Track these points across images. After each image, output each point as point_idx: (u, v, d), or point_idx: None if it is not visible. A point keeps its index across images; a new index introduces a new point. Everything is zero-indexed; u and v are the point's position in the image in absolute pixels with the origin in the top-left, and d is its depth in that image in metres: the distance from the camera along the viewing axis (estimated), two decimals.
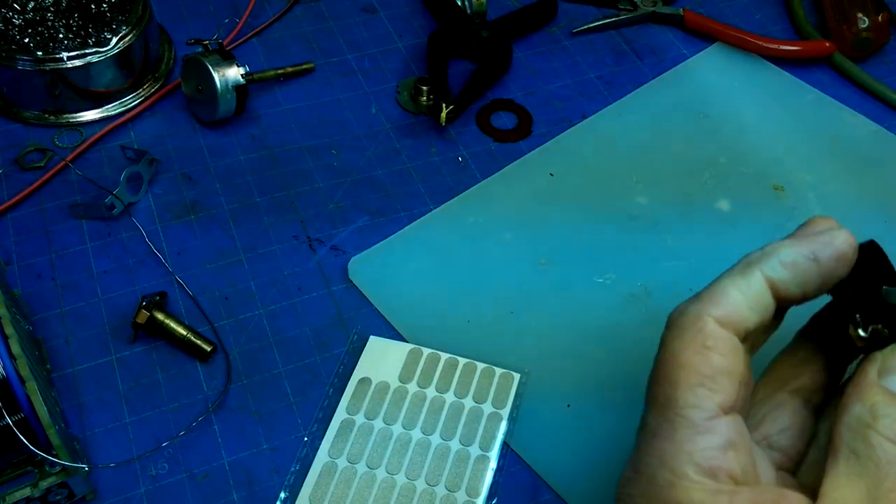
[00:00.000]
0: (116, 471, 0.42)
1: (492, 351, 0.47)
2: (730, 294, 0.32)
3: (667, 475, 0.30)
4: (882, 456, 0.30)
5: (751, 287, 0.32)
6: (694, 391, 0.31)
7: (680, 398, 0.31)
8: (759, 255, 0.33)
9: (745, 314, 0.32)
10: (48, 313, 0.48)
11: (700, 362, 0.31)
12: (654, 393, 0.32)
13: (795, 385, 0.36)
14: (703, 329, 0.31)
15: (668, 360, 0.32)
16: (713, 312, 0.32)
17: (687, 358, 0.31)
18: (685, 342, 0.31)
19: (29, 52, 0.54)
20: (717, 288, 0.32)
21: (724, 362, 0.31)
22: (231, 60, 0.56)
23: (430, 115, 0.59)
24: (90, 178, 0.54)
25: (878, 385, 0.31)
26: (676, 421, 0.31)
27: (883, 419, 0.30)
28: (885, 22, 0.66)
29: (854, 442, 0.30)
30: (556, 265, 0.51)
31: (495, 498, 0.42)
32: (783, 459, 0.35)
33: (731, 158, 0.58)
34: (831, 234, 0.33)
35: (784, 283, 0.32)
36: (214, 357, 0.47)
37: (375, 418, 0.44)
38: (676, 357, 0.31)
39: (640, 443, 0.32)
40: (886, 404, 0.31)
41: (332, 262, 0.51)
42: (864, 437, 0.30)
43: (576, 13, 0.69)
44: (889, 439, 0.30)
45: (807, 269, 0.32)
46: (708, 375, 0.31)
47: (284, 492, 0.42)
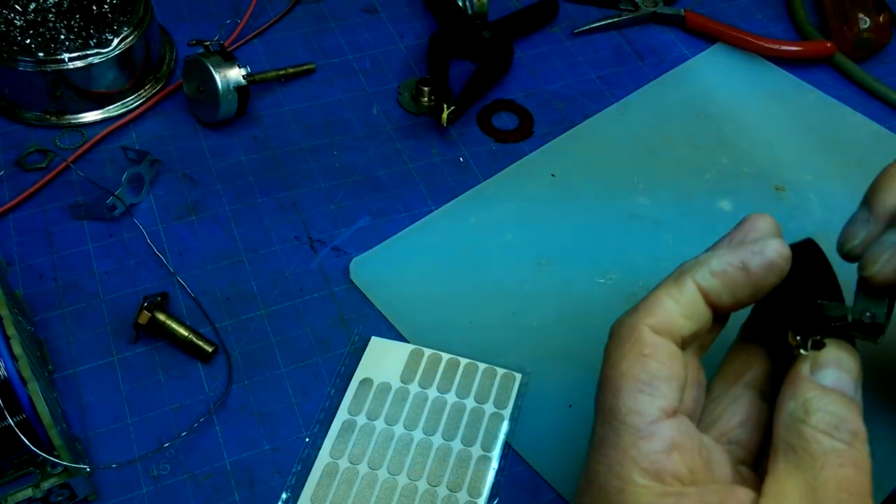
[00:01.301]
0: (118, 471, 0.42)
1: (493, 351, 0.47)
2: (664, 303, 0.33)
3: (615, 482, 0.31)
4: (817, 448, 0.31)
5: (683, 296, 0.33)
6: (635, 397, 0.32)
7: (622, 405, 0.32)
8: (691, 263, 0.34)
9: (680, 322, 0.33)
10: (50, 314, 0.48)
11: (638, 369, 0.32)
12: (600, 402, 0.33)
13: (748, 378, 0.37)
14: (639, 338, 0.33)
15: (609, 369, 0.33)
16: (648, 321, 0.33)
17: (626, 366, 0.32)
18: (624, 351, 0.33)
19: (30, 54, 0.54)
20: (652, 298, 0.34)
21: (661, 368, 0.32)
22: (232, 61, 0.56)
23: (432, 116, 0.59)
24: (92, 178, 0.54)
25: (811, 381, 0.32)
26: (620, 428, 0.32)
27: (815, 413, 0.31)
28: (886, 22, 0.66)
29: (790, 437, 0.31)
30: (558, 265, 0.51)
31: (497, 498, 0.42)
32: (743, 454, 0.35)
33: (733, 158, 0.58)
34: (763, 243, 0.34)
35: (715, 292, 0.33)
36: (216, 358, 0.47)
37: (377, 419, 0.44)
38: (616, 366, 0.33)
39: (591, 451, 0.33)
40: (819, 398, 0.32)
41: (333, 262, 0.51)
42: (798, 431, 0.31)
43: (577, 13, 0.69)
44: (822, 432, 0.31)
45: (736, 278, 0.33)
46: (646, 381, 0.32)
47: (286, 492, 0.42)
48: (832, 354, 0.33)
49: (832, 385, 0.32)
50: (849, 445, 0.31)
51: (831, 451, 0.30)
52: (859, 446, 0.31)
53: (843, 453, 0.31)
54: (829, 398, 0.32)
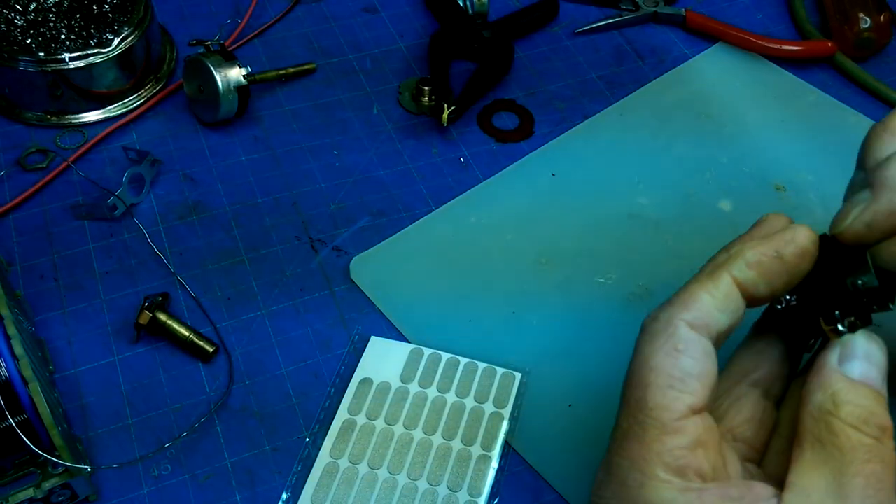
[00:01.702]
0: (119, 472, 0.42)
1: (493, 351, 0.47)
2: (700, 298, 0.33)
3: (637, 476, 0.31)
4: (845, 442, 0.30)
5: (720, 290, 0.33)
6: (664, 393, 0.31)
7: (650, 400, 0.31)
8: (724, 257, 0.34)
9: (716, 316, 0.32)
10: (51, 314, 0.48)
11: (670, 365, 0.32)
12: (627, 396, 0.33)
13: (755, 377, 0.37)
14: (674, 333, 0.32)
15: (640, 363, 0.32)
16: (684, 317, 0.32)
17: (658, 361, 0.32)
18: (656, 346, 0.32)
19: (31, 53, 0.54)
20: (688, 292, 0.33)
21: (693, 365, 0.32)
22: (233, 61, 0.56)
23: (432, 116, 0.59)
24: (92, 178, 0.54)
25: (839, 372, 0.32)
26: (647, 422, 0.31)
27: (844, 406, 0.31)
28: (886, 22, 0.66)
29: (818, 430, 0.31)
30: (558, 265, 0.52)
31: (497, 498, 0.42)
32: (747, 450, 0.35)
33: (733, 158, 0.58)
34: (793, 231, 0.34)
35: (752, 283, 0.33)
36: (217, 358, 0.47)
37: (377, 418, 0.44)
38: (648, 360, 0.32)
39: (612, 445, 0.33)
40: (847, 391, 0.31)
41: (333, 262, 0.51)
42: (827, 424, 0.31)
43: (577, 13, 0.69)
44: (851, 426, 0.30)
45: (772, 268, 0.33)
46: (678, 378, 0.31)
47: (286, 492, 0.42)
48: (861, 346, 0.32)
49: (860, 377, 0.32)
50: (877, 440, 0.30)
51: (860, 446, 0.30)
52: (887, 441, 0.30)
53: (871, 448, 0.30)
54: (858, 391, 0.31)
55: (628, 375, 0.33)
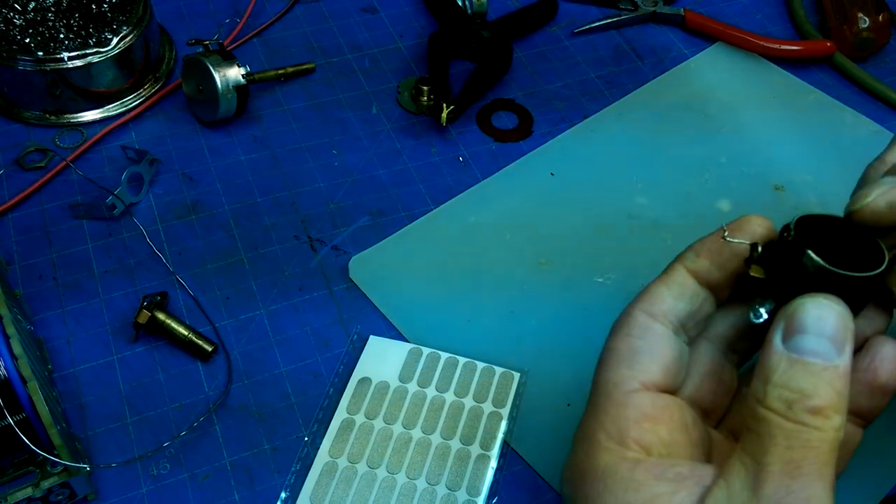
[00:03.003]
0: (118, 471, 0.42)
1: (492, 350, 0.47)
2: (656, 289, 0.36)
3: (585, 445, 0.33)
4: (765, 429, 0.29)
5: (673, 279, 0.36)
6: (615, 370, 0.34)
7: (602, 377, 0.34)
8: (680, 252, 0.37)
9: (670, 303, 0.35)
10: (49, 313, 0.48)
11: (623, 345, 0.34)
12: (594, 376, 0.35)
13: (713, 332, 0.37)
14: (629, 321, 0.35)
15: (603, 350, 0.36)
16: (640, 306, 0.35)
17: (614, 343, 0.35)
18: (615, 333, 0.35)
19: (30, 53, 0.54)
20: (647, 288, 0.36)
21: (643, 345, 0.34)
22: (232, 60, 0.56)
23: (431, 115, 0.59)
24: (91, 178, 0.54)
25: (777, 352, 0.30)
26: (599, 398, 0.34)
27: (772, 391, 0.29)
28: (885, 22, 0.66)
29: (747, 418, 0.30)
30: (557, 265, 0.52)
31: (496, 497, 0.42)
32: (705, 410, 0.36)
33: (732, 158, 0.59)
34: (741, 219, 0.36)
35: (704, 270, 0.35)
36: (215, 357, 0.47)
37: (376, 418, 0.44)
38: (607, 345, 0.35)
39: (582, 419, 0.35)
40: (782, 373, 0.29)
41: (332, 261, 0.51)
42: (753, 413, 0.30)
43: (576, 13, 0.69)
44: (775, 412, 0.29)
45: (721, 253, 0.35)
46: (627, 355, 0.34)
47: (285, 491, 0.42)
48: (809, 315, 0.30)
49: (808, 351, 0.29)
50: (801, 425, 0.28)
51: (779, 433, 0.28)
52: (820, 422, 0.28)
53: (792, 433, 0.28)
54: (794, 371, 0.29)
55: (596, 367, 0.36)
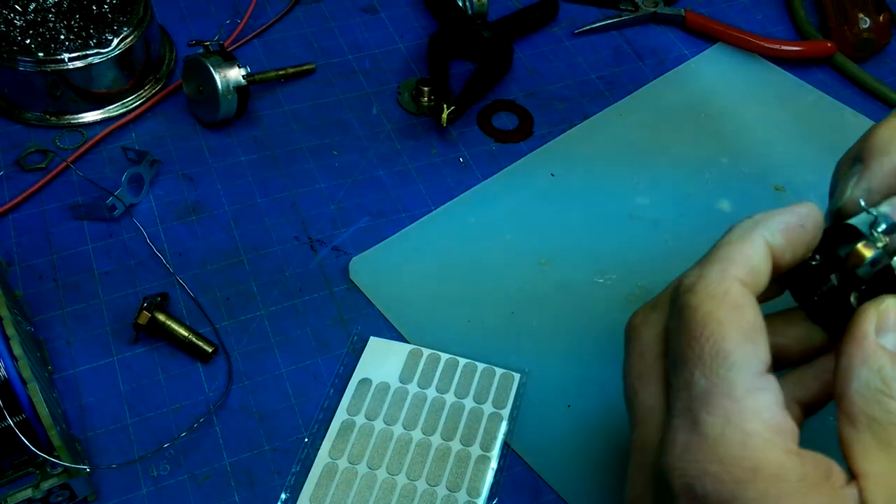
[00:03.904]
0: (118, 472, 0.42)
1: (492, 351, 0.47)
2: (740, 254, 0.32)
3: (737, 434, 0.28)
4: None
5: (755, 249, 0.32)
6: (741, 347, 0.30)
7: (730, 354, 0.29)
8: (752, 223, 0.33)
9: (756, 277, 0.32)
10: (50, 314, 0.48)
11: (737, 318, 0.30)
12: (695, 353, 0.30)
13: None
14: (730, 289, 0.31)
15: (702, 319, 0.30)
16: (734, 272, 0.31)
17: (723, 314, 0.30)
18: (716, 302, 0.30)
19: (30, 54, 0.54)
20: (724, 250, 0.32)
21: (757, 318, 0.30)
22: (232, 61, 0.56)
23: (431, 116, 0.59)
24: (91, 179, 0.54)
25: (880, 347, 0.30)
26: (731, 377, 0.29)
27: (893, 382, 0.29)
28: (886, 22, 0.66)
29: (871, 410, 0.29)
30: (557, 265, 0.52)
31: (496, 498, 0.42)
32: None
33: (732, 159, 0.58)
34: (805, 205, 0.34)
35: (780, 249, 0.33)
36: (216, 358, 0.47)
37: (376, 419, 0.44)
38: (712, 315, 0.30)
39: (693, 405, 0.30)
40: (892, 367, 0.30)
41: (333, 262, 0.51)
42: (880, 404, 0.29)
43: (577, 14, 0.69)
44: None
45: (797, 236, 0.33)
46: (748, 331, 0.30)
47: (285, 493, 0.42)
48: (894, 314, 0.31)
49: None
50: None
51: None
52: None
53: None
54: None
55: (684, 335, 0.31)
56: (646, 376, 0.34)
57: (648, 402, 0.33)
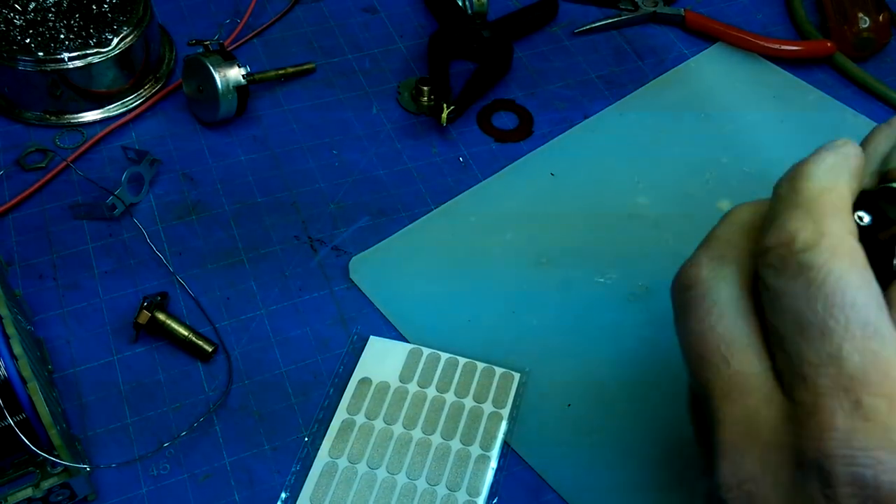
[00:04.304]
0: (118, 471, 0.42)
1: (492, 350, 0.47)
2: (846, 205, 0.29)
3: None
4: None
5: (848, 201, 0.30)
6: (886, 318, 0.27)
7: (879, 326, 0.27)
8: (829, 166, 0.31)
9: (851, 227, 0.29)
10: (49, 314, 0.48)
11: (870, 284, 0.28)
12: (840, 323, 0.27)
13: None
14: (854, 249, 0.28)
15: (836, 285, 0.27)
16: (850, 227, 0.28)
17: (858, 280, 0.27)
18: (848, 264, 0.27)
19: (30, 53, 0.54)
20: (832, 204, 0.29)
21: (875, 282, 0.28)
22: (232, 61, 0.56)
23: (431, 116, 0.59)
24: (91, 178, 0.54)
25: None
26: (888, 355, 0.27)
27: None
28: (886, 22, 0.66)
29: None
30: (557, 265, 0.52)
31: (496, 497, 0.42)
32: None
33: (733, 158, 0.58)
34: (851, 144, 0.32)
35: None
36: (216, 357, 0.47)
37: (376, 418, 0.44)
38: (849, 281, 0.27)
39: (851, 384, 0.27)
40: None
41: (333, 262, 0.51)
42: None
43: (577, 13, 0.69)
44: None
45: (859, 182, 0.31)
46: (880, 299, 0.27)
47: (285, 492, 0.42)
48: None
49: None
50: None
51: None
52: None
53: None
54: None
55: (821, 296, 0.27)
56: (737, 341, 0.30)
57: (747, 369, 0.29)
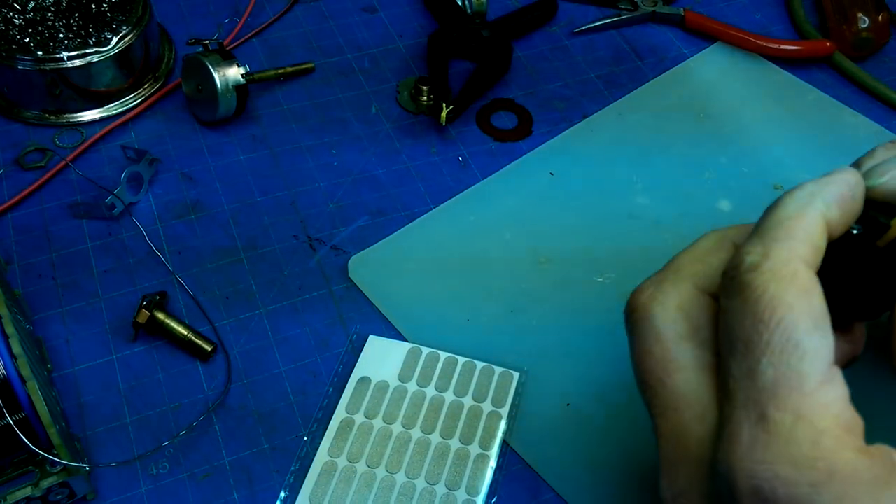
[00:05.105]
0: (117, 470, 0.42)
1: (491, 350, 0.47)
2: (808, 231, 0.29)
3: (808, 432, 0.26)
4: None
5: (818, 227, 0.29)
6: (813, 336, 0.27)
7: (802, 342, 0.27)
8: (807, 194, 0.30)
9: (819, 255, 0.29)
10: (49, 313, 0.48)
11: (808, 304, 0.27)
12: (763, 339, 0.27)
13: None
14: (798, 271, 0.28)
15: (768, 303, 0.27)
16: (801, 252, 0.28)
17: (792, 300, 0.27)
18: (785, 285, 0.27)
19: (29, 52, 0.54)
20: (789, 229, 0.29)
21: (823, 305, 0.28)
22: (231, 60, 0.56)
23: (431, 115, 0.59)
24: (91, 177, 0.54)
25: None
26: (803, 369, 0.26)
27: None
28: (885, 22, 0.66)
29: None
30: (556, 264, 0.52)
31: (495, 496, 0.42)
32: None
33: (732, 158, 0.59)
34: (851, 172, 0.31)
35: (835, 223, 0.30)
36: (215, 357, 0.47)
37: (375, 417, 0.44)
38: (781, 299, 0.27)
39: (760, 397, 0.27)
40: None
41: (332, 261, 0.51)
42: None
43: (576, 13, 0.69)
44: None
45: (850, 208, 0.30)
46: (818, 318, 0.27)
47: (284, 491, 0.42)
48: None
49: None
50: None
51: None
52: None
53: None
54: None
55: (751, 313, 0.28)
56: (673, 361, 0.30)
57: (681, 388, 0.30)
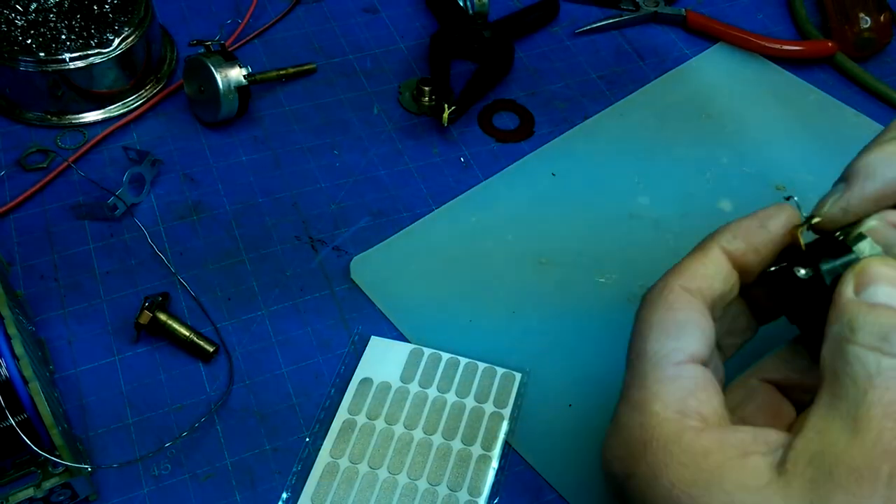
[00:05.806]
0: (119, 471, 0.42)
1: (493, 351, 0.47)
2: (691, 266, 0.34)
3: (637, 417, 0.31)
4: (860, 369, 0.28)
5: (708, 257, 0.34)
6: (661, 342, 0.32)
7: (649, 349, 0.32)
8: (711, 234, 0.36)
9: (707, 281, 0.34)
10: (51, 314, 0.48)
11: (666, 318, 0.33)
12: (629, 354, 0.33)
13: (774, 376, 0.36)
14: (668, 295, 0.33)
15: (639, 324, 0.33)
16: (678, 281, 0.34)
17: (655, 317, 0.33)
18: (653, 307, 0.33)
19: (31, 54, 0.54)
20: (681, 263, 0.35)
21: (688, 316, 0.33)
22: (233, 61, 0.56)
23: (432, 116, 0.59)
24: (93, 178, 0.54)
25: (854, 299, 0.30)
26: (646, 370, 0.32)
27: (860, 330, 0.29)
28: (886, 22, 0.66)
29: (834, 362, 0.29)
30: (558, 265, 0.52)
31: (497, 497, 0.42)
32: None
33: (733, 158, 0.58)
34: (777, 206, 0.35)
35: (739, 251, 0.35)
36: (217, 358, 0.47)
37: (377, 418, 0.44)
38: (647, 319, 0.33)
39: (618, 402, 0.33)
40: (865, 314, 0.29)
41: (334, 262, 0.51)
42: (842, 353, 0.29)
43: (578, 13, 0.69)
44: (868, 347, 0.28)
45: (759, 237, 0.35)
46: (674, 328, 0.32)
47: (286, 492, 0.42)
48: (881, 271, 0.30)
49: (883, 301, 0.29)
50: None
51: (876, 372, 0.27)
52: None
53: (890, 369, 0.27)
54: (877, 312, 0.29)
55: (630, 339, 0.34)
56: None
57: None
